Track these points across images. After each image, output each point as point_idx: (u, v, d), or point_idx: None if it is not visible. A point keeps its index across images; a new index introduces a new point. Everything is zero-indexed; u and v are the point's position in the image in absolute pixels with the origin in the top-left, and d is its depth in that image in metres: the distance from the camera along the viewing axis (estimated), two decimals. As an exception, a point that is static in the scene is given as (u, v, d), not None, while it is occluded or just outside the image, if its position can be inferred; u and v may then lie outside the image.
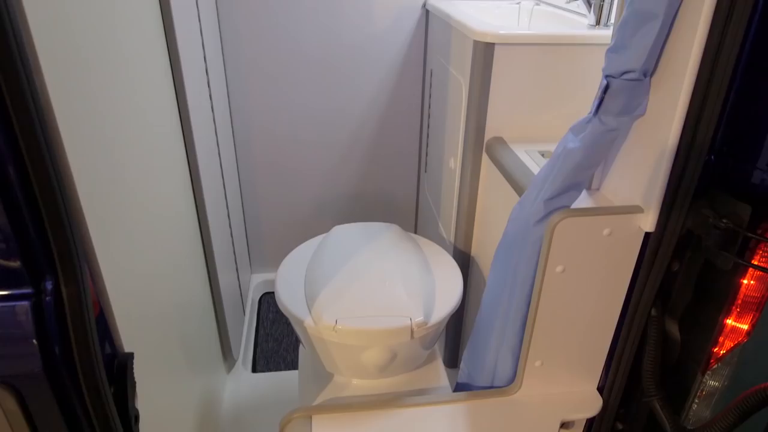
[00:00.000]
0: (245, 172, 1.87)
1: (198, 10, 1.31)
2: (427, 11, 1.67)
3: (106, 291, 0.68)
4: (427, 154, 1.78)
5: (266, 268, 2.06)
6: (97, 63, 0.72)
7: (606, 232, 0.82)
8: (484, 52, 1.10)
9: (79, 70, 0.65)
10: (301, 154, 1.86)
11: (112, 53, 0.78)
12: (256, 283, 2.03)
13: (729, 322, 0.83)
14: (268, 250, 2.04)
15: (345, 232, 1.29)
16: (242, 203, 1.92)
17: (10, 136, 0.49)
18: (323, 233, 1.32)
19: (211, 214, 1.33)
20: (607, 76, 0.75)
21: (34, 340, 0.54)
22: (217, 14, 1.60)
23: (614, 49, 0.74)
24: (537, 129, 1.21)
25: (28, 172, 0.51)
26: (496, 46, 1.09)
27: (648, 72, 0.74)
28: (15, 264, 0.54)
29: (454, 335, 1.53)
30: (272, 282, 2.04)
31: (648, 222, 0.80)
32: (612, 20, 1.22)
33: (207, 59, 1.39)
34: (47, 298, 0.54)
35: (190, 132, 1.16)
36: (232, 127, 1.77)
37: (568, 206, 0.82)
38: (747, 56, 0.72)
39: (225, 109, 1.67)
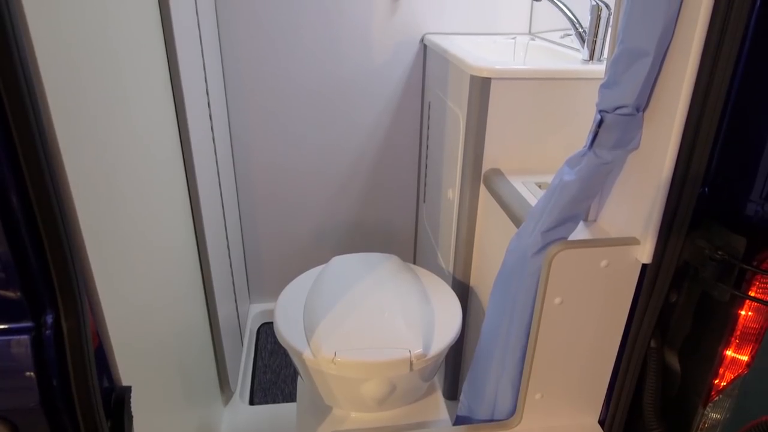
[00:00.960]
0: (245, 202, 1.88)
1: (201, 45, 1.35)
2: (425, 46, 1.71)
3: (105, 323, 0.68)
4: (425, 185, 1.79)
5: (265, 298, 2.06)
6: (102, 95, 0.73)
7: (603, 263, 0.82)
8: (481, 86, 1.13)
9: (84, 103, 0.67)
10: (300, 185, 1.88)
11: (116, 86, 0.79)
12: (255, 314, 2.02)
13: (729, 353, 0.83)
14: (267, 280, 2.03)
15: (344, 263, 1.29)
16: (242, 233, 1.93)
17: (15, 167, 0.50)
18: (322, 263, 1.33)
19: (211, 245, 1.33)
20: (600, 111, 0.77)
21: (32, 374, 0.54)
22: (220, 49, 1.64)
23: (607, 85, 0.76)
24: (533, 160, 1.23)
25: (31, 205, 0.52)
26: (493, 81, 1.12)
27: (640, 107, 0.76)
28: (16, 297, 0.54)
29: (454, 367, 1.52)
30: (271, 312, 2.03)
31: (645, 253, 0.81)
32: (605, 55, 1.25)
33: (209, 93, 1.42)
34: (47, 332, 0.54)
35: (192, 163, 1.17)
36: (233, 158, 1.79)
37: (566, 238, 0.83)
38: (736, 91, 0.74)
39: (226, 140, 1.69)
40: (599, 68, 1.16)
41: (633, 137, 0.78)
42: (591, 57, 1.25)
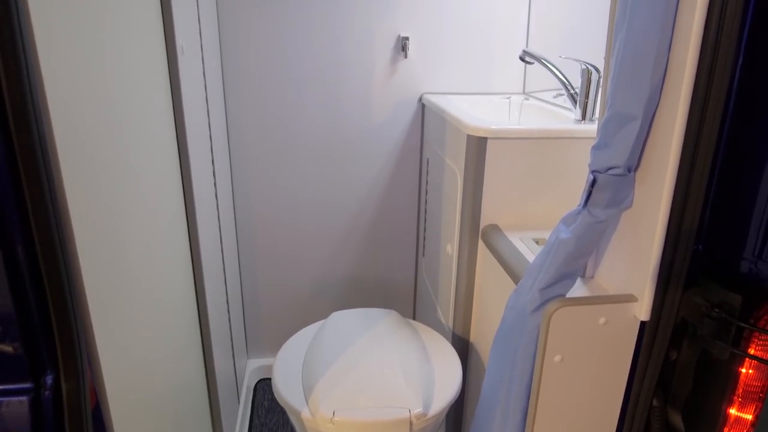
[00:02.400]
0: (245, 256, 1.89)
1: (207, 105, 1.39)
2: (423, 105, 1.76)
3: (103, 381, 0.68)
4: (424, 239, 1.81)
5: (263, 353, 2.03)
6: (108, 155, 0.76)
7: (602, 321, 0.83)
8: (477, 145, 1.16)
9: (91, 164, 0.69)
10: (301, 239, 1.90)
11: (123, 146, 0.82)
12: (252, 369, 1.99)
13: (732, 412, 0.82)
14: (266, 334, 2.01)
15: (343, 319, 1.29)
16: (241, 287, 1.93)
17: (25, 227, 0.52)
18: (321, 318, 1.32)
19: (211, 299, 1.33)
20: (593, 171, 0.79)
21: (29, 436, 0.53)
22: (225, 107, 1.70)
23: (598, 147, 0.78)
24: (530, 216, 1.25)
25: (38, 264, 0.53)
26: (489, 140, 1.15)
27: (632, 167, 0.79)
28: (17, 357, 0.54)
29: (455, 426, 1.49)
30: (268, 368, 2.00)
31: (642, 310, 0.81)
32: (596, 115, 1.30)
33: (213, 150, 1.46)
34: (46, 393, 0.54)
35: (195, 219, 1.19)
36: (234, 212, 1.82)
37: (564, 295, 0.84)
38: (724, 151, 0.77)
39: (228, 195, 1.72)
40: (591, 128, 1.20)
41: (626, 196, 0.80)
42: (583, 117, 1.29)
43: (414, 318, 2.05)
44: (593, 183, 0.79)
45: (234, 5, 1.62)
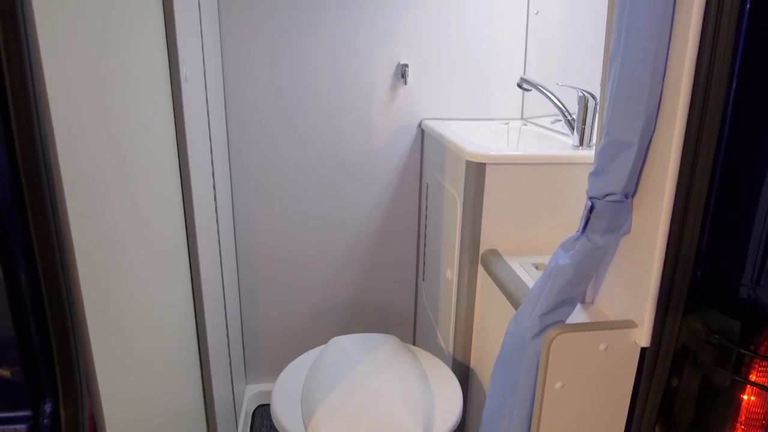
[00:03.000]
0: (245, 280, 1.89)
1: (210, 131, 1.41)
2: (423, 130, 1.78)
3: (102, 409, 0.67)
4: (424, 263, 1.81)
5: (262, 378, 2.01)
6: (111, 183, 0.77)
7: (602, 347, 0.82)
8: (476, 171, 1.17)
9: (95, 194, 0.70)
10: (300, 264, 1.90)
11: (127, 173, 0.83)
12: (251, 395, 1.97)
13: (736, 440, 0.81)
14: (265, 359, 2.00)
15: (343, 345, 1.28)
16: (241, 311, 1.92)
17: (29, 254, 0.52)
18: (321, 343, 1.32)
19: (210, 325, 1.33)
20: (591, 198, 0.80)
21: (26, 466, 0.53)
22: (227, 133, 1.71)
23: (596, 173, 0.79)
24: (529, 241, 1.25)
25: (41, 292, 0.54)
26: (488, 166, 1.17)
27: (629, 194, 0.79)
28: (16, 385, 0.54)
29: (456, 453, 1.47)
30: (267, 394, 1.98)
31: (643, 336, 0.81)
32: (594, 141, 1.31)
33: (215, 175, 1.47)
34: (45, 421, 0.54)
35: (196, 245, 1.20)
36: (234, 237, 1.82)
37: (563, 321, 0.84)
38: (720, 178, 0.78)
39: (229, 219, 1.73)
40: (589, 153, 1.21)
41: (624, 222, 0.81)
42: (581, 143, 1.31)
43: (414, 343, 2.03)
44: (591, 209, 0.79)
45: (237, 35, 1.65)
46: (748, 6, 0.71)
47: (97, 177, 0.71)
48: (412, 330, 2.04)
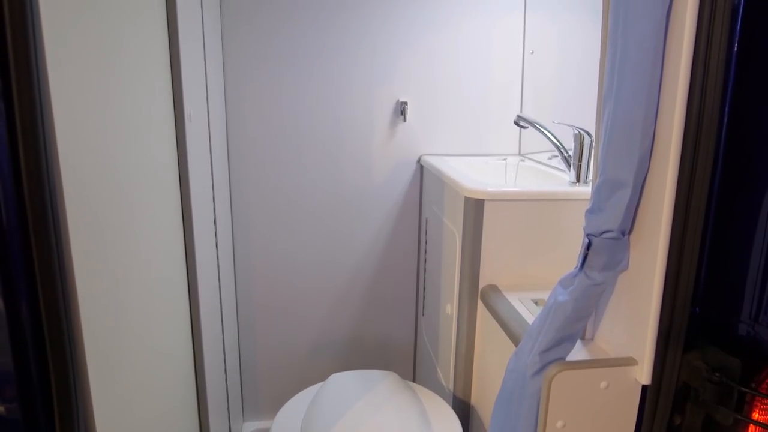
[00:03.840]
0: (244, 315, 1.88)
1: (211, 166, 1.43)
2: (422, 166, 1.81)
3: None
4: (424, 298, 1.81)
5: (260, 415, 1.98)
6: (113, 219, 0.78)
7: (603, 384, 0.82)
8: (475, 207, 1.19)
9: (97, 230, 0.71)
10: (300, 298, 1.89)
11: (129, 209, 0.84)
12: (248, 434, 1.93)
13: (742, 481, 0.80)
14: (263, 395, 1.97)
15: (342, 382, 1.27)
16: (239, 346, 1.90)
17: (32, 297, 0.53)
18: (320, 379, 1.30)
19: (208, 360, 1.32)
20: (588, 235, 0.81)
21: None
22: (228, 169, 1.74)
23: (592, 211, 0.81)
24: (529, 277, 1.26)
25: (42, 332, 0.54)
26: (486, 202, 1.18)
27: (625, 231, 0.80)
28: (12, 423, 0.54)
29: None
30: (265, 431, 1.94)
31: (643, 374, 0.81)
32: (590, 177, 1.33)
33: (216, 211, 1.48)
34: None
35: (195, 279, 1.20)
36: (234, 272, 1.82)
37: (564, 358, 0.83)
38: (715, 214, 0.79)
39: (229, 254, 1.73)
40: (586, 190, 1.23)
41: (621, 259, 0.82)
42: (578, 179, 1.33)
43: (414, 379, 2.01)
44: (589, 246, 0.80)
45: (240, 74, 1.69)
46: (735, 48, 0.74)
47: (101, 211, 0.72)
48: (412, 365, 2.02)
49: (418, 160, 1.82)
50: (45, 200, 0.54)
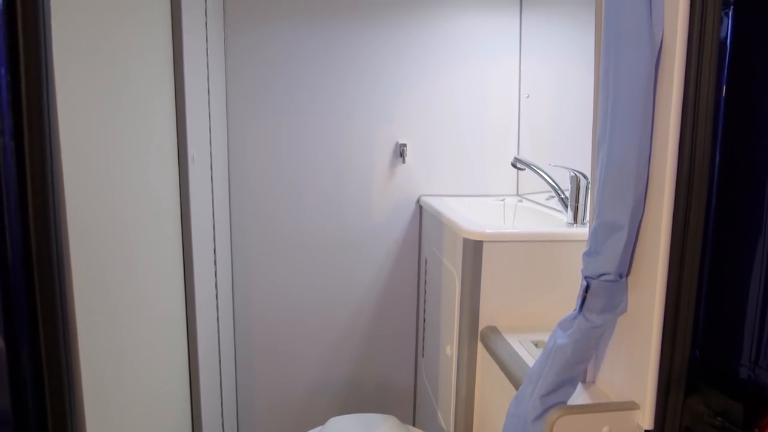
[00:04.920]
0: (242, 353, 1.86)
1: (213, 207, 1.45)
2: (421, 206, 1.83)
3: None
4: (424, 339, 1.79)
5: (255, 461, 1.93)
6: (115, 256, 0.78)
7: (605, 429, 0.81)
8: (474, 248, 1.20)
9: (98, 268, 0.72)
10: (298, 337, 1.88)
11: (131, 248, 0.85)
12: (244, 480, 1.88)
13: None
14: (259, 440, 1.93)
15: (341, 427, 1.25)
16: (236, 386, 1.87)
17: (34, 342, 0.53)
18: (318, 421, 1.28)
19: (205, 400, 1.30)
20: (586, 277, 0.81)
21: None
22: (230, 210, 1.75)
23: (589, 254, 0.82)
24: (529, 317, 1.25)
25: (42, 377, 0.54)
26: (485, 243, 1.19)
27: (623, 274, 0.81)
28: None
29: None
30: (261, 478, 1.89)
31: (645, 418, 0.80)
32: (587, 218, 1.34)
33: (216, 250, 1.49)
34: None
35: (194, 318, 1.20)
36: (233, 310, 1.82)
37: (565, 402, 0.83)
38: (711, 257, 0.80)
39: (228, 293, 1.73)
40: (583, 231, 1.24)
41: (620, 302, 0.82)
42: (575, 220, 1.34)
43: (414, 422, 1.97)
44: (587, 288, 0.81)
45: (242, 114, 1.73)
46: (723, 93, 0.76)
47: (102, 250, 0.73)
48: (412, 408, 1.99)
49: (417, 201, 1.84)
50: (51, 240, 0.55)
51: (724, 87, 0.77)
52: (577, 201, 1.33)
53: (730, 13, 0.76)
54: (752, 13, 0.75)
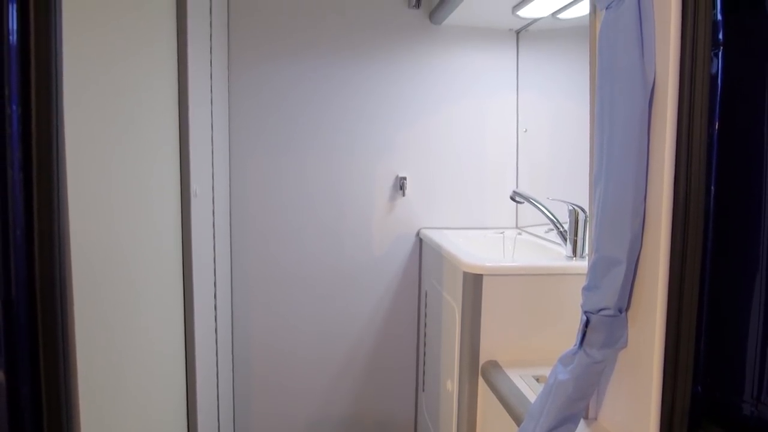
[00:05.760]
0: (240, 387, 1.84)
1: (214, 240, 1.45)
2: (421, 239, 1.83)
3: None
4: (424, 373, 1.77)
5: (252, 501, 1.88)
6: (116, 290, 0.79)
7: (608, 467, 0.80)
8: (474, 282, 1.20)
9: (100, 299, 0.72)
10: (298, 370, 1.86)
11: (131, 281, 0.85)
12: None
13: None
14: (256, 479, 1.89)
15: (340, 462, 1.22)
16: (234, 420, 1.84)
17: (34, 374, 0.53)
18: (317, 463, 1.26)
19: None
20: (585, 312, 0.82)
21: None
22: (230, 243, 1.76)
23: (588, 288, 0.82)
24: (529, 351, 1.25)
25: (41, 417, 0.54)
26: (485, 277, 1.19)
27: (622, 308, 0.81)
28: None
29: None
30: None
31: (649, 457, 0.79)
32: (587, 251, 1.35)
33: (216, 284, 1.49)
34: None
35: (193, 352, 1.19)
36: (232, 343, 1.80)
37: (567, 439, 0.82)
38: (709, 292, 0.80)
39: (228, 326, 1.72)
40: (583, 264, 1.24)
41: (620, 336, 0.82)
42: (574, 253, 1.35)
43: (415, 459, 1.93)
44: (587, 323, 0.81)
45: (244, 150, 1.75)
46: (716, 127, 0.78)
47: (105, 282, 0.73)
48: (413, 445, 1.95)
49: (417, 234, 1.85)
50: (54, 276, 0.55)
51: (717, 122, 0.79)
52: (576, 234, 1.34)
53: (720, 53, 0.79)
54: (742, 54, 0.77)
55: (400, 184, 1.82)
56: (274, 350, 1.84)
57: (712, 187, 0.79)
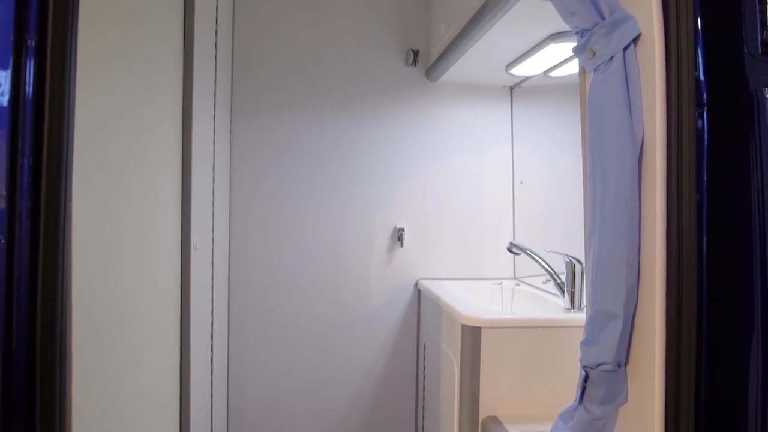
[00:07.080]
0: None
1: (212, 292, 1.45)
2: (419, 290, 1.83)
3: None
4: (423, 428, 1.73)
5: None
6: (116, 343, 0.79)
7: None
8: (472, 334, 1.19)
9: (98, 348, 0.72)
10: (294, 422, 1.82)
11: (130, 329, 0.85)
12: None
13: None
14: None
15: None
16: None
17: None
18: None
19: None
20: (584, 367, 0.81)
21: None
22: (228, 295, 1.76)
23: (586, 342, 0.82)
24: (529, 406, 1.23)
25: None
26: (483, 329, 1.19)
27: (621, 363, 0.81)
28: None
29: None
30: None
31: None
32: (584, 303, 1.35)
33: (213, 335, 1.48)
34: None
35: (188, 402, 1.17)
36: (227, 393, 1.77)
37: (570, 500, 0.80)
38: (707, 344, 0.80)
39: (223, 376, 1.69)
40: (581, 317, 1.24)
41: (620, 392, 0.81)
42: (572, 305, 1.35)
43: None
44: (586, 378, 0.80)
45: (244, 202, 1.78)
46: (705, 179, 0.80)
47: (103, 333, 0.73)
48: (412, 505, 1.88)
49: (416, 284, 1.85)
50: (55, 325, 0.56)
51: (705, 176, 0.81)
52: (573, 286, 1.34)
53: (704, 112, 0.82)
54: (725, 112, 0.80)
55: (399, 235, 1.84)
56: (271, 401, 1.80)
57: (704, 237, 0.80)
